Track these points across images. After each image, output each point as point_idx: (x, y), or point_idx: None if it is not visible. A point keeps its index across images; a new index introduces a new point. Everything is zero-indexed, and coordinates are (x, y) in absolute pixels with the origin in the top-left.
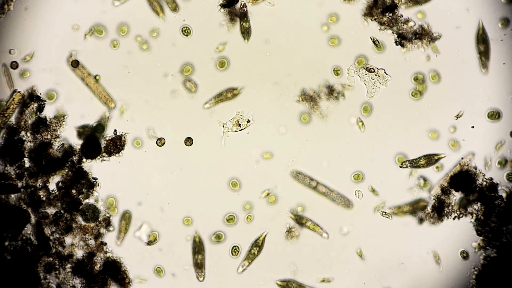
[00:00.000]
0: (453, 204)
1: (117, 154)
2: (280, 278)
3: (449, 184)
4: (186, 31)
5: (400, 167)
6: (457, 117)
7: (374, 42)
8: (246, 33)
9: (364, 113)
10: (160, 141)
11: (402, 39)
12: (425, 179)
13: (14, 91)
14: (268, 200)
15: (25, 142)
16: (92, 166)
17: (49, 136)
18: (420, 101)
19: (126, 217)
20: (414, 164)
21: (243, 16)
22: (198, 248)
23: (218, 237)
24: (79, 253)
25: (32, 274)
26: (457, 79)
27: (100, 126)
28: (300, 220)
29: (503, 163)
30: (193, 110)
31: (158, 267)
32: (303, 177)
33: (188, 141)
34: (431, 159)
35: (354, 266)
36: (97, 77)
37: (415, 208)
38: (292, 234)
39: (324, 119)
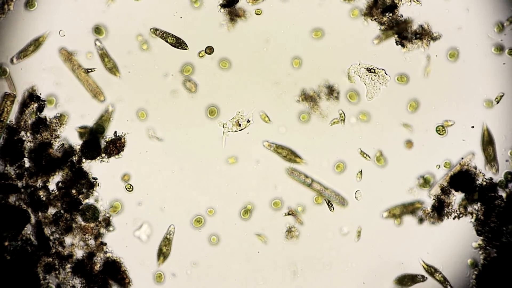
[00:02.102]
0: (453, 203)
1: (116, 156)
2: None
3: (449, 184)
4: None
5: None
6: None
7: (348, 76)
8: None
9: (362, 118)
10: (209, 50)
11: (402, 39)
12: (425, 179)
13: (6, 94)
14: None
15: (25, 142)
16: (92, 166)
17: (49, 136)
18: (420, 101)
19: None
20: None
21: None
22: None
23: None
24: (79, 253)
25: (32, 274)
26: (457, 79)
27: (100, 127)
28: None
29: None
30: (193, 110)
31: (159, 274)
32: (298, 174)
33: (209, 49)
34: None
35: (354, 266)
36: (93, 70)
37: (409, 210)
38: (292, 234)
39: (324, 119)
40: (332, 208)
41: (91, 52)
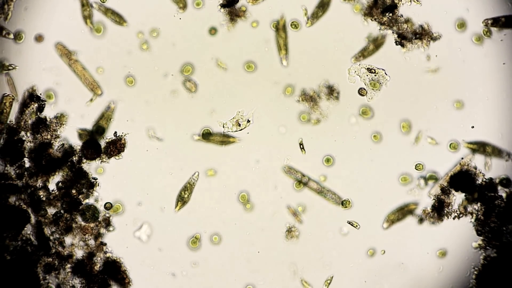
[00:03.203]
0: (453, 203)
1: (117, 156)
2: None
3: (449, 184)
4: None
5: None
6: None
7: (300, 145)
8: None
9: (364, 116)
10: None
11: (402, 39)
12: (425, 180)
13: (4, 95)
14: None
15: (25, 142)
16: (92, 166)
17: (49, 136)
18: (420, 101)
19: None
20: None
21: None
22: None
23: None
24: (79, 253)
25: (32, 274)
26: (457, 79)
27: (101, 128)
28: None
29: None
30: (193, 110)
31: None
32: (294, 172)
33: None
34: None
35: (354, 265)
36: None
37: (405, 212)
38: (292, 234)
39: (324, 119)
40: (303, 150)
41: (102, 68)
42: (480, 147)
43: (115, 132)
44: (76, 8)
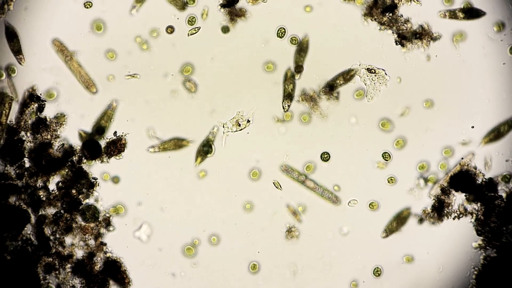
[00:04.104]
0: (453, 204)
1: (117, 156)
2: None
3: (449, 184)
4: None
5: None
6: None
7: (275, 184)
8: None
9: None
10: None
11: (402, 39)
12: (425, 180)
13: (3, 96)
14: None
15: (25, 142)
16: (92, 166)
17: (49, 136)
18: (419, 101)
19: None
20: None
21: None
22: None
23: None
24: (79, 253)
25: (32, 274)
26: (457, 79)
27: (101, 128)
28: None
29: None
30: (193, 110)
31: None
32: (291, 171)
33: (170, 28)
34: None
35: (354, 265)
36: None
37: (401, 219)
38: (292, 234)
39: (324, 119)
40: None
41: (113, 75)
42: (495, 133)
43: (115, 132)
44: (76, 8)
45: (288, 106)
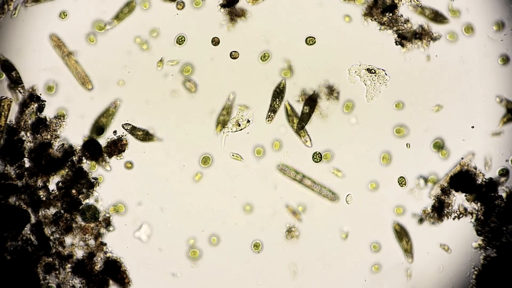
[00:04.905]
0: (453, 204)
1: (118, 156)
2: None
3: (449, 184)
4: (180, 40)
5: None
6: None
7: (235, 157)
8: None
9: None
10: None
11: (402, 39)
12: (425, 180)
13: (1, 98)
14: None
15: (25, 142)
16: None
17: (49, 136)
18: (419, 101)
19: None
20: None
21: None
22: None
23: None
24: (79, 253)
25: (32, 274)
26: (457, 79)
27: (100, 129)
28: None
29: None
30: (193, 110)
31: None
32: (288, 170)
33: (215, 40)
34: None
35: (354, 266)
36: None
37: (401, 234)
38: (292, 234)
39: (324, 119)
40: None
41: (123, 80)
42: None
43: (115, 131)
44: (76, 8)
45: (302, 126)
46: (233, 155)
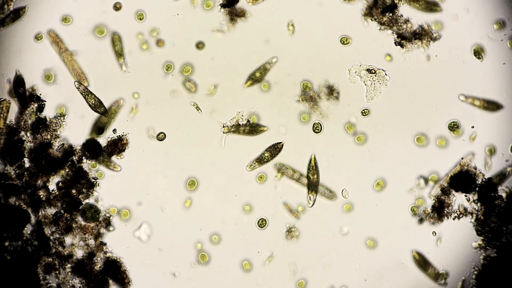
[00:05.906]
0: (453, 204)
1: (118, 156)
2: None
3: (449, 184)
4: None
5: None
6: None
7: (195, 107)
8: None
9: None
10: (160, 136)
11: (402, 39)
12: (425, 180)
13: (0, 100)
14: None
15: (25, 142)
16: (91, 166)
17: (49, 136)
18: (419, 101)
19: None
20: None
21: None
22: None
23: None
24: (79, 253)
25: (32, 274)
26: (456, 79)
27: (100, 130)
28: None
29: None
30: (193, 110)
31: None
32: (286, 168)
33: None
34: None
35: (353, 266)
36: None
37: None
38: (292, 234)
39: (324, 119)
40: (199, 110)
41: (137, 93)
42: None
43: (114, 130)
44: (76, 8)
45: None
46: (193, 105)
